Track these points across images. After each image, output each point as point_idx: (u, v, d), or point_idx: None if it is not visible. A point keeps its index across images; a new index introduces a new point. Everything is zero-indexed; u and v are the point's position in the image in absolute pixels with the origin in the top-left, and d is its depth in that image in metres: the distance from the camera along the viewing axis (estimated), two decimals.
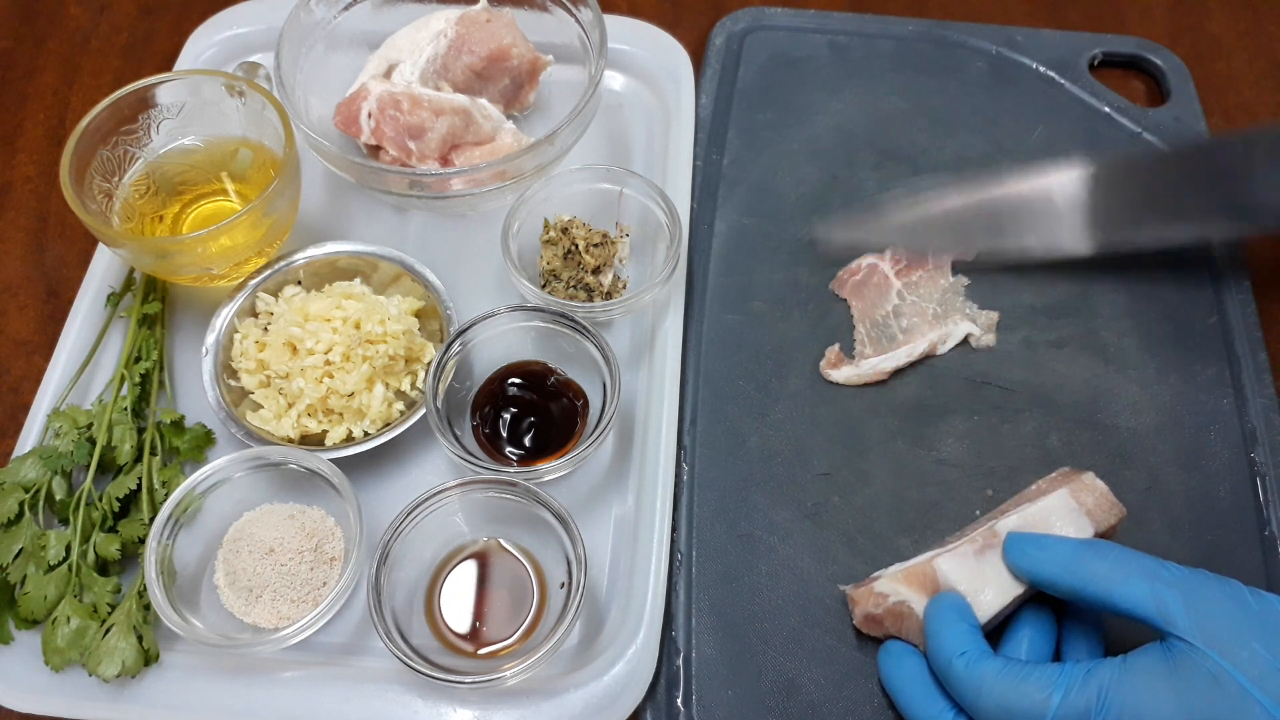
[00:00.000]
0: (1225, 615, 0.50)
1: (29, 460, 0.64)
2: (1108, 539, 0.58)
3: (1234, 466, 0.68)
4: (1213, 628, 0.49)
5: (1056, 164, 0.72)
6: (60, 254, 0.79)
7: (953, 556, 0.58)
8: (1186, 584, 0.51)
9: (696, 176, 0.80)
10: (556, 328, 0.68)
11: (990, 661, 0.53)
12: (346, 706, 0.59)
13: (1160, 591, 0.51)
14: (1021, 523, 0.58)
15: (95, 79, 0.89)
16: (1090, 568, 0.53)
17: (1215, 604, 0.50)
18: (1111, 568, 0.52)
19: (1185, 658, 0.49)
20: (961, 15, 0.92)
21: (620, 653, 0.61)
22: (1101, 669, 0.50)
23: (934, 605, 0.56)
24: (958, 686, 0.53)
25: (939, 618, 0.55)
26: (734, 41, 0.88)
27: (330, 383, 0.65)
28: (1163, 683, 0.49)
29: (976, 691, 0.52)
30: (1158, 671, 0.49)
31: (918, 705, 0.56)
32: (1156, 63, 0.87)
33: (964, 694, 0.53)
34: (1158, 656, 0.50)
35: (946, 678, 0.54)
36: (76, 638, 0.59)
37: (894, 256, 0.76)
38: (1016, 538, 0.56)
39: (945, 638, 0.54)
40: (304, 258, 0.72)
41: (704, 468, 0.68)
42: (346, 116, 0.75)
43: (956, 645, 0.53)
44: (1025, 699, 0.50)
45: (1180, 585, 0.51)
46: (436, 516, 0.62)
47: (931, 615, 0.56)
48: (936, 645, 0.55)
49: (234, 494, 0.64)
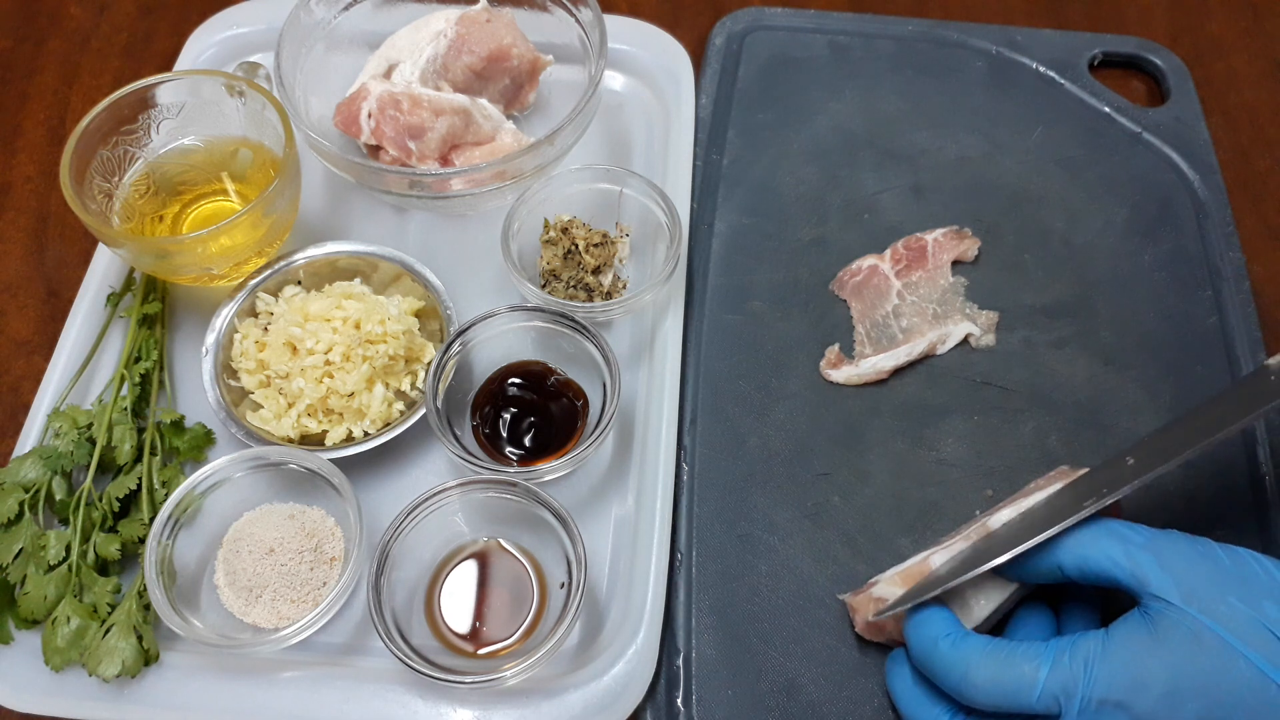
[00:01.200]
0: (1199, 572, 0.50)
1: (29, 460, 0.64)
2: None
3: (1234, 466, 0.68)
4: (1189, 584, 0.49)
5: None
6: (60, 254, 0.79)
7: (946, 553, 0.58)
8: (1157, 544, 0.51)
9: (696, 176, 0.80)
10: (556, 328, 0.68)
11: (974, 640, 0.53)
12: (346, 706, 0.59)
13: (1133, 554, 0.51)
14: (1016, 517, 0.58)
15: (95, 79, 0.89)
16: (1061, 543, 0.53)
17: (1188, 561, 0.50)
18: (1081, 538, 0.53)
19: (1165, 617, 0.49)
20: (961, 15, 0.92)
21: (620, 653, 0.61)
22: (1086, 640, 0.50)
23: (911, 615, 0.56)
24: (944, 667, 0.53)
25: (917, 611, 0.56)
26: (734, 41, 0.88)
27: (330, 383, 0.65)
28: (1145, 647, 0.49)
29: (964, 670, 0.52)
30: (1140, 636, 0.49)
31: (915, 707, 0.56)
32: (1156, 63, 0.87)
33: (951, 674, 0.52)
34: (1138, 621, 0.50)
35: (932, 663, 0.54)
36: (76, 638, 0.59)
37: (894, 256, 0.76)
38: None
39: (926, 625, 0.55)
40: (304, 258, 0.72)
41: (704, 468, 0.68)
42: (346, 116, 0.75)
43: (939, 629, 0.54)
44: (1013, 672, 0.50)
45: (1151, 546, 0.51)
46: (436, 516, 0.62)
47: (911, 611, 0.56)
48: (918, 635, 0.55)
49: (234, 494, 0.64)
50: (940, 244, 0.76)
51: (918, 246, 0.76)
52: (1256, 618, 0.48)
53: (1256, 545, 0.65)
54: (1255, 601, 0.49)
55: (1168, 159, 0.82)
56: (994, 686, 0.51)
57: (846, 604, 0.62)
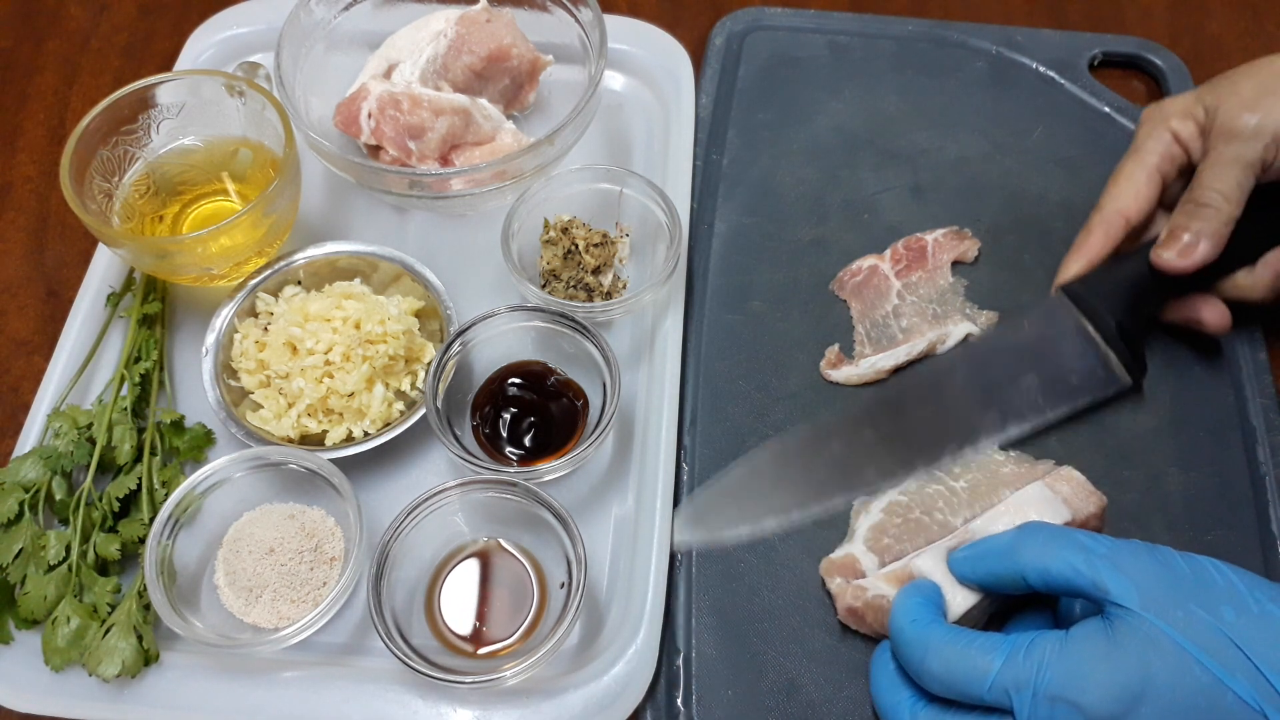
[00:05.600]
0: (1158, 580, 0.50)
1: (29, 460, 0.64)
2: (1089, 529, 0.59)
3: (1234, 466, 0.68)
4: (1147, 591, 0.49)
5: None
6: (60, 254, 0.79)
7: (930, 554, 0.59)
8: (1117, 554, 0.51)
9: (696, 176, 0.80)
10: (556, 328, 0.68)
11: (939, 627, 0.53)
12: (346, 706, 0.59)
13: (1093, 563, 0.51)
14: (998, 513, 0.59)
15: (95, 79, 0.89)
16: (1023, 553, 0.53)
17: (1147, 570, 0.50)
18: (1043, 548, 0.53)
19: (1123, 623, 0.49)
20: (961, 15, 0.92)
21: (620, 653, 0.61)
22: (1044, 640, 0.50)
23: (902, 588, 0.57)
24: (906, 648, 0.54)
25: (901, 593, 0.57)
26: (734, 41, 0.88)
27: (330, 383, 0.65)
28: (1100, 652, 0.49)
29: (923, 653, 0.52)
30: (1096, 641, 0.49)
31: (883, 693, 0.56)
32: (1156, 63, 0.87)
33: (911, 655, 0.53)
34: (1097, 627, 0.50)
35: (898, 643, 0.55)
36: (76, 638, 0.59)
37: (894, 256, 0.76)
38: (955, 554, 0.58)
39: (903, 608, 0.55)
40: (304, 258, 0.72)
41: (704, 468, 0.68)
42: (346, 116, 0.75)
43: (910, 613, 0.54)
44: (967, 662, 0.51)
45: (1111, 556, 0.51)
46: (436, 516, 0.62)
47: (897, 594, 0.57)
48: (894, 615, 0.55)
49: (234, 494, 0.64)
50: (940, 244, 0.76)
51: (918, 247, 0.76)
52: (1214, 624, 0.48)
53: (1256, 545, 0.65)
54: (1213, 608, 0.49)
55: None
56: (948, 673, 0.51)
57: (831, 592, 0.63)
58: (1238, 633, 0.48)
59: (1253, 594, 0.49)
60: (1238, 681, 0.47)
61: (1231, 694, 0.47)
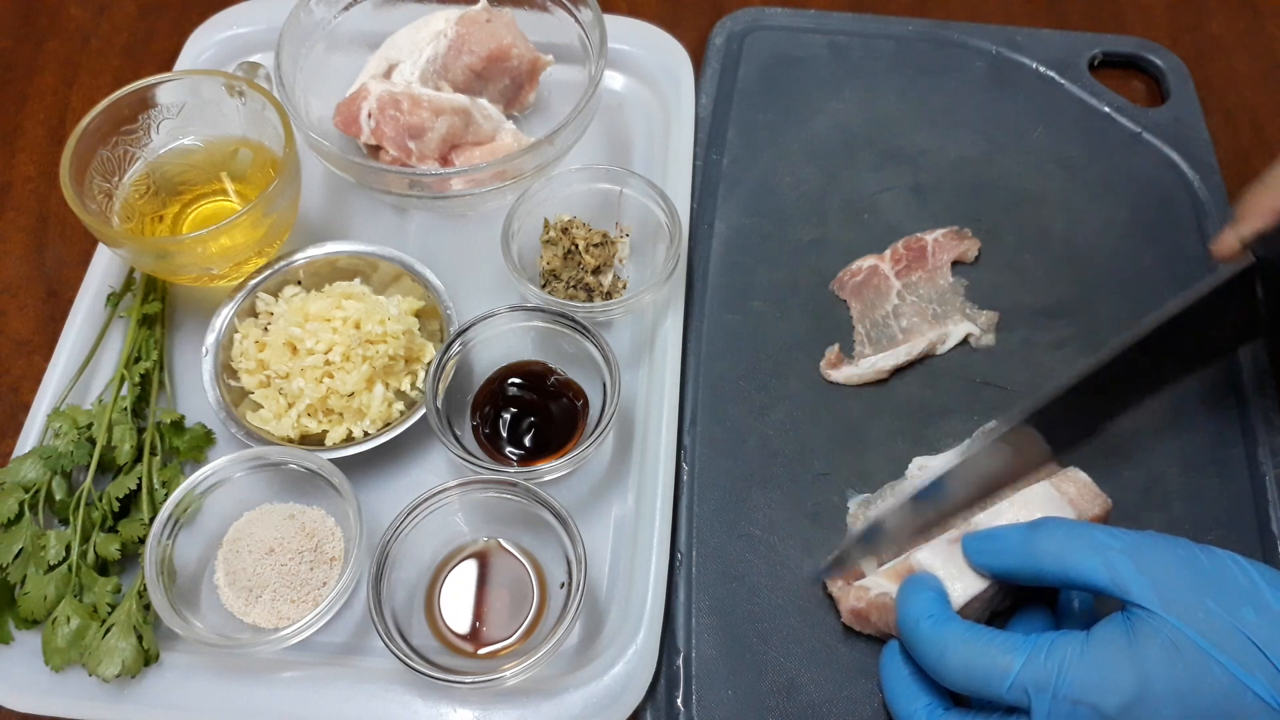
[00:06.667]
0: (1178, 576, 0.50)
1: (29, 460, 0.64)
2: None
3: (1234, 466, 0.68)
4: (1167, 590, 0.49)
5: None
6: (60, 254, 0.79)
7: (929, 547, 0.59)
8: (1136, 548, 0.51)
9: (696, 176, 0.80)
10: (556, 328, 0.68)
11: (956, 624, 0.53)
12: (346, 706, 0.59)
13: (1111, 560, 0.51)
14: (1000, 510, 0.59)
15: (95, 79, 0.89)
16: (1040, 548, 0.53)
17: (1167, 566, 0.50)
18: (1061, 545, 0.52)
19: (1144, 625, 0.49)
20: (961, 15, 0.92)
21: (620, 653, 0.61)
22: (1066, 641, 0.50)
23: (906, 580, 0.57)
24: (923, 647, 0.53)
25: (908, 587, 0.56)
26: (734, 41, 0.88)
27: (330, 383, 0.65)
28: (1122, 654, 0.49)
29: (941, 651, 0.52)
30: (1118, 643, 0.49)
31: (899, 699, 0.56)
32: (1156, 63, 0.87)
33: (928, 654, 0.53)
34: (1119, 628, 0.50)
35: (913, 641, 0.54)
36: (76, 638, 0.59)
37: (894, 256, 0.76)
38: (971, 537, 0.57)
39: (913, 604, 0.55)
40: (304, 258, 0.72)
41: (704, 468, 0.68)
42: (346, 116, 0.75)
43: (924, 609, 0.54)
44: (988, 661, 0.51)
45: (1130, 551, 0.51)
46: (436, 516, 0.62)
47: (902, 588, 0.57)
48: (904, 612, 0.55)
49: (234, 494, 0.64)
50: (940, 244, 0.76)
51: (918, 247, 0.76)
52: (1234, 624, 0.48)
53: (1256, 545, 0.65)
54: (1233, 607, 0.49)
55: (1168, 159, 0.82)
56: (968, 671, 0.51)
57: (833, 595, 0.63)
58: (1258, 632, 0.48)
59: (1274, 591, 0.49)
60: (1257, 681, 0.47)
61: (1251, 693, 0.47)
